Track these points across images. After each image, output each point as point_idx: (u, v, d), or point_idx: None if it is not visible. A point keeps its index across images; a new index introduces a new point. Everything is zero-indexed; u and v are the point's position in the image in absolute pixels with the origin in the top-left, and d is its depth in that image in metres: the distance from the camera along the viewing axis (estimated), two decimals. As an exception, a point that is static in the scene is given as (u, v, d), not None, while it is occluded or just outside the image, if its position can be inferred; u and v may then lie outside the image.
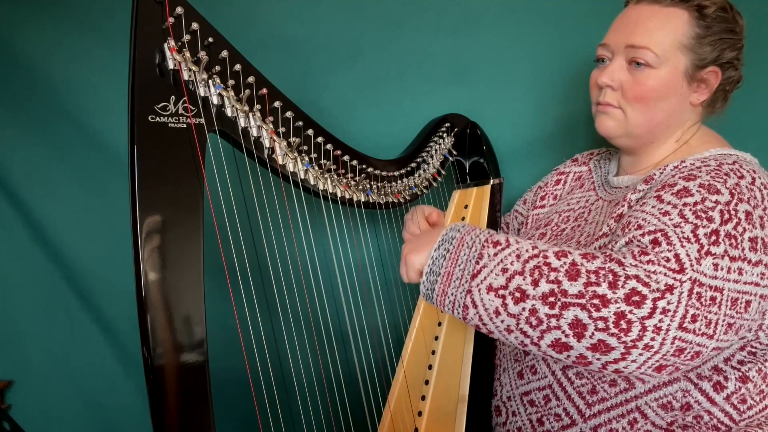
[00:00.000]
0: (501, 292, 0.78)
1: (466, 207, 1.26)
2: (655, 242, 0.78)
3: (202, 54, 0.78)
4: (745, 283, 0.79)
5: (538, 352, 0.79)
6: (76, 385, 1.47)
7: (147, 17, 0.75)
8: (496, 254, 0.81)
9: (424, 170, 1.18)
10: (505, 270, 0.79)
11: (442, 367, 1.05)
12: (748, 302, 0.80)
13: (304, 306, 0.99)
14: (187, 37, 0.77)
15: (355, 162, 1.02)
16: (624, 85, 0.95)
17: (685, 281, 0.75)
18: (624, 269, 0.75)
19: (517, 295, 0.77)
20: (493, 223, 1.21)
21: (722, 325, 0.78)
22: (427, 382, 1.05)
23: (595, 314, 0.73)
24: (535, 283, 0.77)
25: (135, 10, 0.74)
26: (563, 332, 0.75)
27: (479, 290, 0.80)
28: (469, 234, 0.86)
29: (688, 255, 0.76)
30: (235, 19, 1.32)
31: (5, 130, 1.38)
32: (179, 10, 0.75)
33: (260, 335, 0.84)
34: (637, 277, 0.74)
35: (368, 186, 1.06)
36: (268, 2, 1.37)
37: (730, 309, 0.78)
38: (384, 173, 1.09)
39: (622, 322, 0.73)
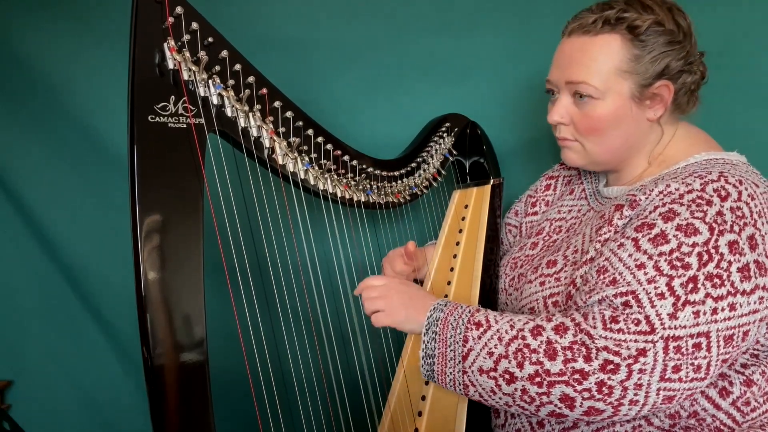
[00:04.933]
0: (492, 374, 0.84)
1: (466, 207, 1.26)
2: (626, 304, 0.80)
3: (202, 54, 0.78)
4: (741, 315, 0.79)
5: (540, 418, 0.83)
6: (76, 385, 1.47)
7: (147, 17, 0.75)
8: (479, 337, 0.86)
9: (424, 170, 1.18)
10: (491, 354, 0.84)
11: (442, 367, 1.05)
12: (746, 332, 0.80)
13: (304, 306, 0.99)
14: (186, 37, 0.77)
15: (355, 162, 1.02)
16: (574, 119, 0.95)
17: (657, 341, 0.77)
18: (594, 341, 0.80)
19: (507, 377, 0.83)
20: (493, 223, 1.21)
21: (716, 365, 0.79)
22: (427, 382, 1.05)
23: (578, 387, 0.79)
24: (521, 366, 0.82)
25: (135, 10, 0.74)
26: (555, 405, 0.81)
27: (472, 372, 0.86)
28: (452, 314, 0.90)
29: (658, 315, 0.78)
30: (235, 19, 1.32)
31: (5, 130, 1.38)
32: (179, 9, 0.75)
33: (260, 335, 0.84)
34: (606, 348, 0.79)
35: (368, 186, 1.06)
36: (268, 2, 1.37)
37: (725, 347, 0.79)
38: (384, 173, 1.09)
39: (603, 388, 0.78)
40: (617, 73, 0.90)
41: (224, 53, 0.80)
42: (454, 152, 1.26)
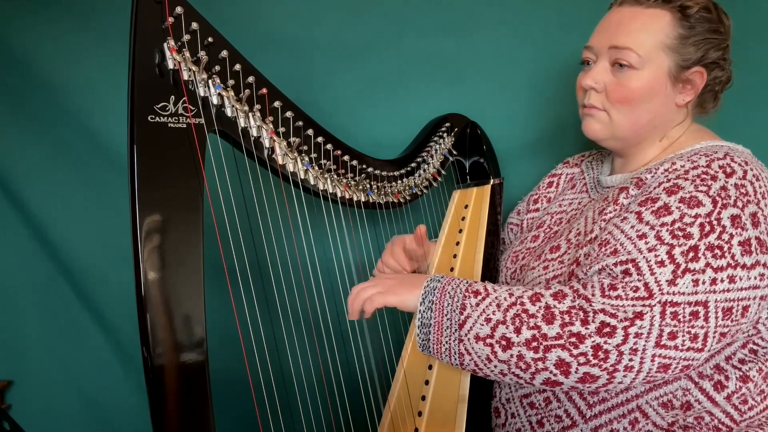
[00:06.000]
0: (488, 341, 0.83)
1: (466, 207, 1.26)
2: (626, 272, 0.81)
3: (202, 54, 0.78)
4: (740, 289, 0.79)
5: (535, 388, 0.82)
6: (76, 385, 1.47)
7: (147, 17, 0.75)
8: (477, 304, 0.85)
9: (424, 170, 1.18)
10: (488, 320, 0.83)
11: (442, 367, 1.05)
12: (745, 307, 0.80)
13: (304, 306, 0.99)
14: (186, 37, 0.77)
15: (355, 162, 1.02)
16: (608, 87, 0.95)
17: (654, 305, 0.78)
18: (591, 305, 0.80)
19: (504, 343, 0.82)
20: (494, 223, 1.21)
21: (713, 336, 0.79)
22: (427, 382, 1.05)
23: (574, 351, 0.79)
24: (518, 331, 0.81)
25: (134, 10, 0.74)
26: (551, 372, 0.80)
27: (468, 339, 0.84)
28: (449, 284, 0.89)
29: (657, 282, 0.78)
30: (235, 19, 1.32)
31: (5, 130, 1.38)
32: (179, 9, 0.75)
33: (260, 335, 0.84)
34: (603, 310, 0.79)
35: (368, 186, 1.06)
36: (268, 2, 1.37)
37: (723, 319, 0.79)
38: (384, 173, 1.09)
39: (599, 353, 0.78)
40: (661, 47, 0.92)
41: (224, 53, 0.80)
42: (454, 152, 1.26)
